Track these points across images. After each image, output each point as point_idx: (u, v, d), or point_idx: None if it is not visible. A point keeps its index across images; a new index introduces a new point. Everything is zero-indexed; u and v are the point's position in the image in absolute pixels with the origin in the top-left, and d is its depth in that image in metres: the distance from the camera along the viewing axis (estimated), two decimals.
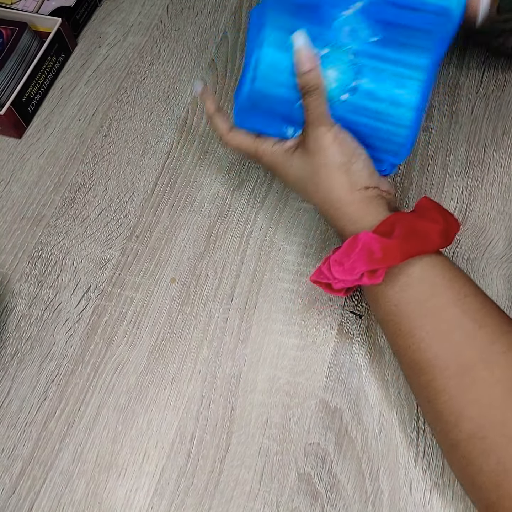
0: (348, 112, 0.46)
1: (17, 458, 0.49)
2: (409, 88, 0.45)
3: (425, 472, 0.46)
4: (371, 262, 0.41)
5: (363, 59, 0.45)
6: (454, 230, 0.44)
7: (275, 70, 0.47)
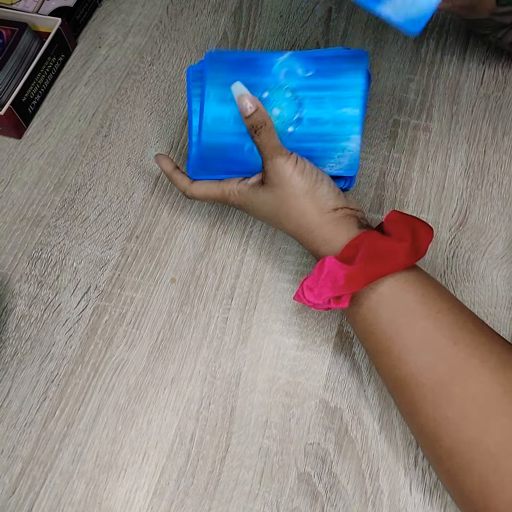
0: (297, 142, 0.50)
1: (17, 458, 0.49)
2: (349, 106, 0.50)
3: (425, 472, 0.46)
4: (335, 288, 0.42)
5: (302, 93, 0.50)
6: (426, 241, 0.44)
7: (220, 122, 0.51)
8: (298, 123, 0.50)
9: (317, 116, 0.50)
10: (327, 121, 0.50)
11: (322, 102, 0.50)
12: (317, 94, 0.50)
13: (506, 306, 0.52)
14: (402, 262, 0.42)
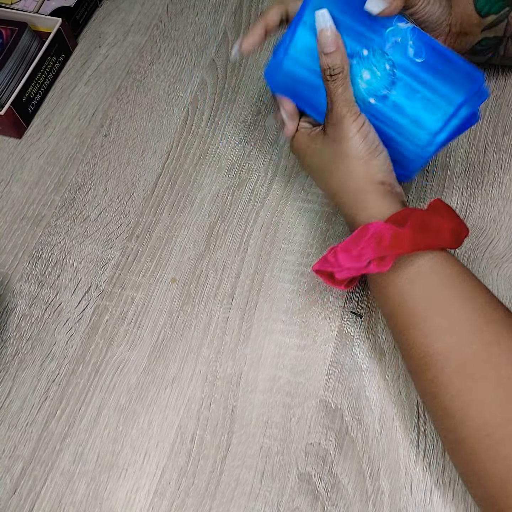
0: (372, 116, 0.47)
1: (18, 458, 0.49)
2: (435, 115, 0.46)
3: (425, 472, 0.46)
4: (379, 249, 0.41)
5: (401, 73, 0.46)
6: (463, 233, 0.44)
7: (307, 54, 0.47)
8: (382, 99, 0.46)
9: (402, 105, 0.46)
10: (407, 115, 0.46)
11: (414, 95, 0.46)
12: (414, 84, 0.45)
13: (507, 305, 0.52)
14: (448, 240, 0.42)
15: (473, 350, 0.39)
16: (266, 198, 0.60)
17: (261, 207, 0.59)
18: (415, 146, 0.47)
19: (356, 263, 0.42)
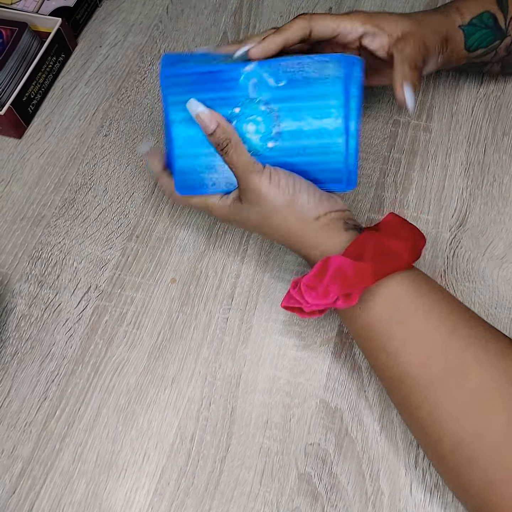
0: (280, 157, 0.47)
1: (17, 458, 0.49)
2: (331, 117, 0.46)
3: (425, 473, 0.46)
4: (345, 285, 0.41)
5: (277, 104, 0.46)
6: (420, 245, 0.44)
7: (192, 144, 0.48)
8: (278, 137, 0.47)
9: (297, 129, 0.46)
10: (308, 134, 0.46)
11: (300, 114, 0.46)
12: (293, 105, 0.46)
13: (507, 306, 0.52)
14: (406, 259, 0.42)
15: (437, 367, 0.39)
16: None
17: None
18: (335, 154, 0.47)
19: (323, 300, 0.42)
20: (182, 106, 0.46)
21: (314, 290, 0.42)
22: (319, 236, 0.45)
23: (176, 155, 0.48)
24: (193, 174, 0.49)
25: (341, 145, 0.46)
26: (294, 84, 0.46)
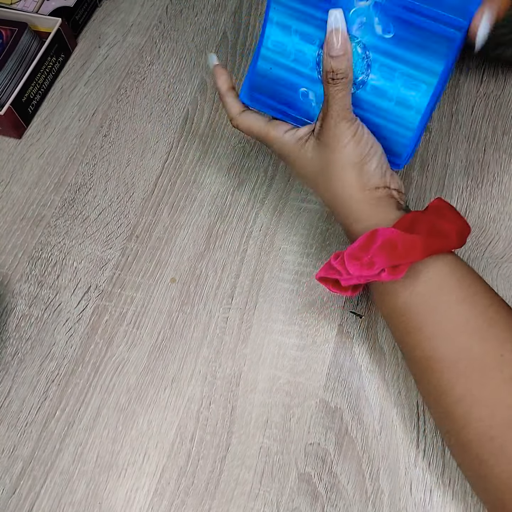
0: (354, 106, 0.44)
1: (17, 458, 0.49)
2: (419, 91, 0.43)
3: (425, 472, 0.46)
4: (393, 257, 0.40)
5: (374, 54, 0.43)
6: (467, 231, 0.44)
7: (279, 53, 0.46)
8: (361, 86, 0.44)
9: (382, 87, 0.44)
10: (390, 97, 0.44)
11: (392, 74, 0.43)
12: (389, 63, 0.43)
13: None
14: (455, 242, 0.42)
15: (473, 353, 0.39)
16: (265, 198, 0.60)
17: (261, 207, 0.59)
18: (405, 129, 0.45)
19: (367, 271, 0.41)
20: (285, 10, 0.44)
21: (359, 260, 0.41)
22: (371, 208, 0.44)
23: (260, 54, 0.46)
24: (270, 81, 0.47)
25: (416, 122, 0.44)
26: (399, 42, 0.42)
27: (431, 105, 0.44)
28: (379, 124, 0.45)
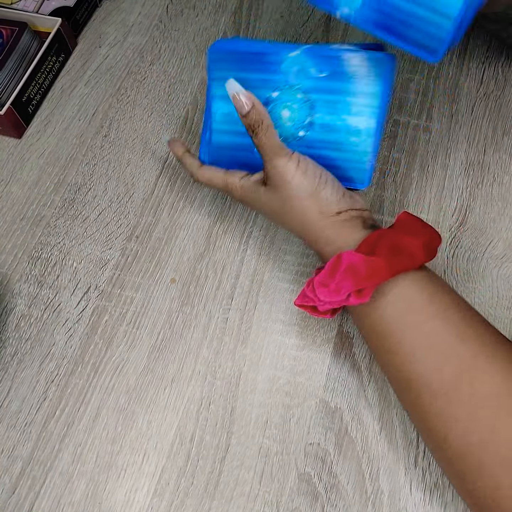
0: (307, 147, 0.47)
1: (17, 458, 0.49)
2: (364, 115, 0.46)
3: (425, 472, 0.46)
4: (357, 281, 0.41)
5: (314, 95, 0.46)
6: (436, 243, 0.44)
7: (228, 121, 0.49)
8: (309, 127, 0.47)
9: (329, 122, 0.47)
10: (339, 129, 0.47)
11: (336, 108, 0.46)
12: (330, 98, 0.46)
13: (506, 306, 0.52)
14: (421, 257, 0.42)
15: (448, 371, 0.39)
16: None
17: None
18: (361, 154, 0.47)
19: (335, 297, 0.42)
20: (223, 83, 0.47)
21: (326, 287, 0.42)
22: (337, 231, 0.45)
23: (213, 129, 0.50)
24: (226, 149, 0.51)
25: (369, 145, 0.47)
26: (335, 77, 0.45)
27: (379, 126, 0.46)
28: (336, 157, 0.48)
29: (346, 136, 0.47)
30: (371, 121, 0.46)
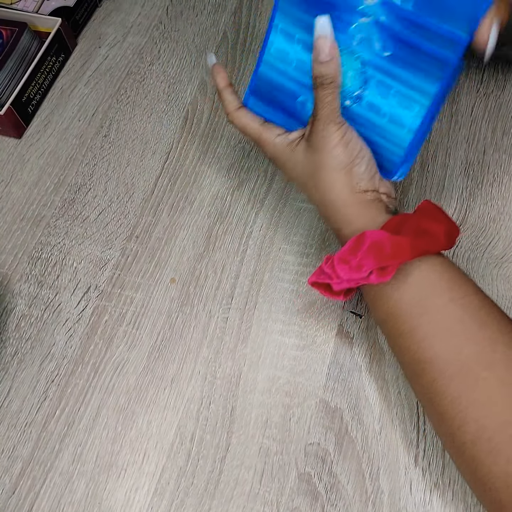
0: (348, 119, 0.46)
1: (17, 458, 0.49)
2: (412, 111, 0.44)
3: (425, 472, 0.46)
4: (381, 258, 0.40)
5: (372, 70, 0.44)
6: (456, 232, 0.44)
7: (283, 59, 0.47)
8: (357, 100, 0.45)
9: (377, 104, 0.45)
10: (384, 114, 0.45)
11: (388, 92, 0.44)
12: (386, 80, 0.44)
13: (506, 305, 0.52)
14: (443, 243, 0.42)
15: (466, 354, 0.39)
16: (265, 198, 0.60)
17: (261, 208, 0.59)
18: (396, 147, 0.46)
19: (356, 274, 0.41)
20: (290, 18, 0.45)
21: (347, 264, 0.41)
22: (359, 211, 0.44)
23: (263, 60, 0.48)
24: (271, 86, 0.48)
25: (407, 141, 0.45)
26: (396, 61, 0.43)
27: (424, 126, 0.44)
28: (371, 139, 0.46)
29: (388, 124, 0.45)
30: (417, 118, 0.44)
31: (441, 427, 0.41)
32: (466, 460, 0.38)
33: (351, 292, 0.46)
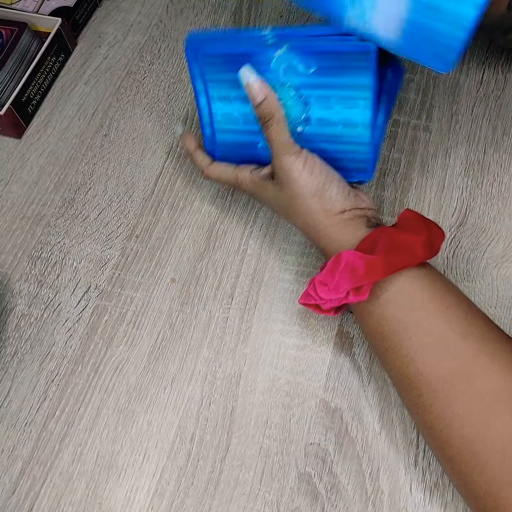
0: (307, 142, 0.47)
1: (17, 458, 0.49)
2: (358, 107, 0.46)
3: (425, 472, 0.46)
4: (354, 279, 0.41)
5: (306, 91, 0.46)
6: (438, 240, 0.44)
7: (229, 122, 0.50)
8: (306, 123, 0.47)
9: (325, 117, 0.47)
10: (336, 122, 0.47)
11: (329, 102, 0.46)
12: (322, 93, 0.46)
13: (506, 305, 0.52)
14: (420, 256, 0.42)
15: (448, 368, 0.39)
16: None
17: (261, 207, 0.59)
18: (361, 145, 0.47)
19: (335, 295, 0.42)
20: (218, 84, 0.48)
21: (326, 286, 0.43)
22: (340, 230, 0.45)
23: (216, 129, 0.51)
24: (231, 147, 0.52)
25: (367, 136, 0.47)
26: (324, 72, 0.45)
27: (378, 116, 0.47)
28: (336, 149, 0.48)
29: (343, 129, 0.47)
30: (366, 112, 0.46)
31: (430, 440, 0.41)
32: (455, 473, 0.39)
33: (342, 308, 0.46)
